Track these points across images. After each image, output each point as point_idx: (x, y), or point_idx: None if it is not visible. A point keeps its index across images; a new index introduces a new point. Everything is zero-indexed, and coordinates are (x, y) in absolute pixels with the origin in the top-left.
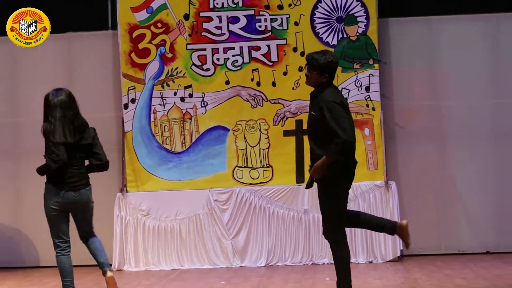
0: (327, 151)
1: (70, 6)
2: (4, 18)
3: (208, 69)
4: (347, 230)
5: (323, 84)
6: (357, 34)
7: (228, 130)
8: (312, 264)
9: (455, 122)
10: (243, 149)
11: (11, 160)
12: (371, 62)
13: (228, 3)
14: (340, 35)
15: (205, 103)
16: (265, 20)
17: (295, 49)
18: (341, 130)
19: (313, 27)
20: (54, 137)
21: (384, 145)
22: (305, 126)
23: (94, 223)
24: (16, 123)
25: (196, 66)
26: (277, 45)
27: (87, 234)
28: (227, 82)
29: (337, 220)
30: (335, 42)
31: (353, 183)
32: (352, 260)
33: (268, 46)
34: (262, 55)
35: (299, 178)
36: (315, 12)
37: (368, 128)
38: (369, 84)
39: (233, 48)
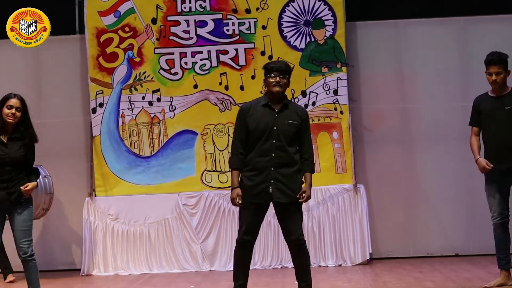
0: (310, 167)
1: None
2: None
3: (176, 73)
4: (315, 234)
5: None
6: (325, 37)
7: (197, 134)
8: (281, 267)
9: (422, 125)
10: (211, 153)
11: None
12: (339, 66)
13: (195, 7)
14: (308, 39)
15: (173, 107)
16: (233, 24)
17: (263, 53)
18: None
19: (281, 31)
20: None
21: (352, 148)
22: None
23: (65, 227)
24: None
25: (164, 70)
26: (245, 49)
27: None
28: (195, 86)
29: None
30: (302, 45)
31: (322, 187)
32: (321, 263)
33: (236, 50)
34: (230, 59)
35: None
36: (283, 16)
37: (336, 131)
38: (337, 87)
39: (201, 52)
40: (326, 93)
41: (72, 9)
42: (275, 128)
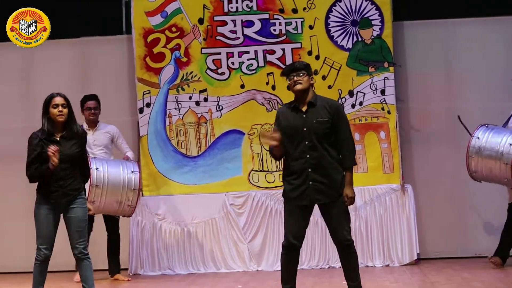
0: (348, 163)
1: (84, 11)
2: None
3: (223, 73)
4: (363, 234)
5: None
6: (372, 37)
7: (244, 134)
8: (328, 267)
9: (471, 125)
10: (258, 153)
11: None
12: (386, 65)
13: (242, 7)
14: (355, 39)
15: (220, 107)
16: (280, 24)
17: (309, 53)
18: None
19: (328, 31)
20: None
21: (400, 148)
22: None
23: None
24: (29, 128)
25: (211, 70)
26: (292, 48)
27: None
28: (242, 86)
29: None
30: (350, 45)
31: (369, 187)
32: (369, 263)
33: (283, 49)
34: (277, 58)
35: None
36: (330, 15)
37: (383, 131)
38: (384, 87)
39: (247, 52)
40: (373, 93)
41: (119, 9)
42: (305, 129)
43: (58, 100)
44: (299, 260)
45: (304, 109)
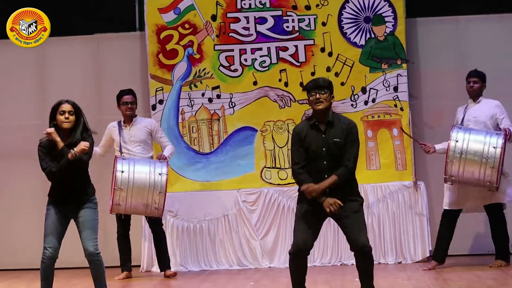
0: (340, 172)
1: (97, 8)
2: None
3: (235, 70)
4: (375, 231)
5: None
6: (385, 34)
7: (256, 130)
8: (341, 265)
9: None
10: (271, 149)
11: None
12: (399, 62)
13: (255, 4)
14: (368, 35)
15: (233, 104)
16: (293, 21)
17: (322, 50)
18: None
19: (341, 27)
20: None
21: (412, 145)
22: None
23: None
24: (42, 126)
25: (223, 67)
26: (305, 45)
27: None
28: (255, 83)
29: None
30: (362, 42)
31: (382, 184)
32: (381, 260)
33: (296, 46)
34: (290, 55)
35: None
36: (343, 12)
37: (396, 128)
38: (397, 84)
39: (260, 49)
40: (386, 89)
41: (132, 6)
42: (324, 149)
43: (65, 107)
44: (307, 266)
45: (323, 128)
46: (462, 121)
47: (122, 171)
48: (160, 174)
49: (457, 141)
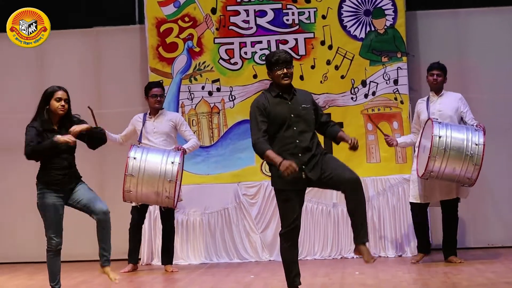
0: (338, 128)
1: (96, 1)
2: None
3: (235, 63)
4: (375, 224)
5: None
6: (385, 27)
7: None
8: (341, 258)
9: (483, 115)
10: None
11: None
12: (399, 55)
13: None
14: (368, 28)
15: (233, 97)
16: (293, 14)
17: (322, 43)
18: None
19: (341, 20)
20: None
21: None
22: (334, 119)
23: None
24: None
25: (223, 60)
26: (305, 38)
27: None
28: (255, 76)
29: None
30: (363, 35)
31: (382, 177)
32: (381, 254)
33: (296, 39)
34: (290, 48)
35: None
36: (343, 5)
37: (396, 121)
38: (397, 77)
39: (260, 42)
40: (386, 82)
41: None
42: (292, 115)
43: (61, 94)
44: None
45: (288, 97)
46: (428, 115)
47: (135, 158)
48: (172, 162)
49: (440, 137)
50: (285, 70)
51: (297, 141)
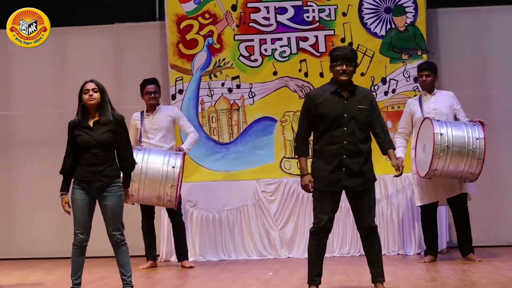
0: (390, 145)
1: None
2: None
3: (255, 60)
4: (395, 222)
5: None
6: (406, 24)
7: (276, 121)
8: (360, 255)
9: (504, 113)
10: (290, 140)
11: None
12: (419, 53)
13: None
14: (388, 26)
15: (253, 94)
16: (313, 11)
17: (343, 40)
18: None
19: (361, 18)
20: None
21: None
22: None
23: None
24: (62, 114)
25: (243, 56)
26: (325, 35)
27: None
28: (275, 73)
29: None
30: (383, 32)
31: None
32: (400, 251)
33: (316, 36)
34: (310, 45)
35: None
36: (363, 2)
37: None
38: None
39: (280, 39)
40: (406, 80)
41: None
42: (345, 115)
43: (88, 85)
44: (326, 246)
45: (345, 95)
46: (422, 114)
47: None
48: (173, 167)
49: (441, 134)
50: (344, 67)
51: (345, 142)
